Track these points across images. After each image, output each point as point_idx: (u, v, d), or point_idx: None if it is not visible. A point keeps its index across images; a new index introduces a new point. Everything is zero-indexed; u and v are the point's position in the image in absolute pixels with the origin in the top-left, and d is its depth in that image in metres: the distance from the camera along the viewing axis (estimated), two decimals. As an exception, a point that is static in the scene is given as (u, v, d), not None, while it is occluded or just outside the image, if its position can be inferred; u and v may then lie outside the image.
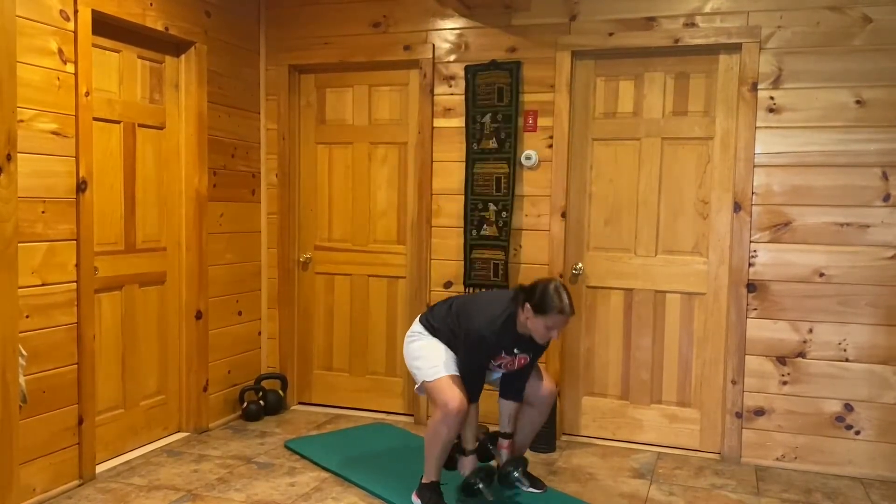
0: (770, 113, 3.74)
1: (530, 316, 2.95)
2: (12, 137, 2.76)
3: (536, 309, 2.93)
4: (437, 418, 3.04)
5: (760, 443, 3.83)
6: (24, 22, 3.01)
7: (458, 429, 3.05)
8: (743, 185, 3.78)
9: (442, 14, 4.25)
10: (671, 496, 3.41)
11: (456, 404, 2.99)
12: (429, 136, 4.31)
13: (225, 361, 4.38)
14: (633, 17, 3.91)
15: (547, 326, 2.94)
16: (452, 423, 3.00)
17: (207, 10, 4.10)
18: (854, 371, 3.67)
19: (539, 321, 2.94)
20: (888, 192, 3.59)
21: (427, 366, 3.12)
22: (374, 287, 4.60)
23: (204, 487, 3.40)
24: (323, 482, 3.51)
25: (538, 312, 2.93)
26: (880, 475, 3.65)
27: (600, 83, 4.08)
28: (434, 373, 3.09)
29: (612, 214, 4.10)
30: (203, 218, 4.10)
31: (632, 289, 4.08)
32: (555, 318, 2.92)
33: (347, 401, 4.69)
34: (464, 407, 3.00)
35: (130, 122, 3.73)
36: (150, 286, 3.91)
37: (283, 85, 4.58)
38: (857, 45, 3.60)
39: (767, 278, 3.78)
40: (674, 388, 4.04)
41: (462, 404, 3.00)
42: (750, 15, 3.73)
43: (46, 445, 3.21)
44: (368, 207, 4.58)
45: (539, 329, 2.96)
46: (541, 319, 2.93)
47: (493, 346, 3.05)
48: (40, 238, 3.15)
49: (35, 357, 3.11)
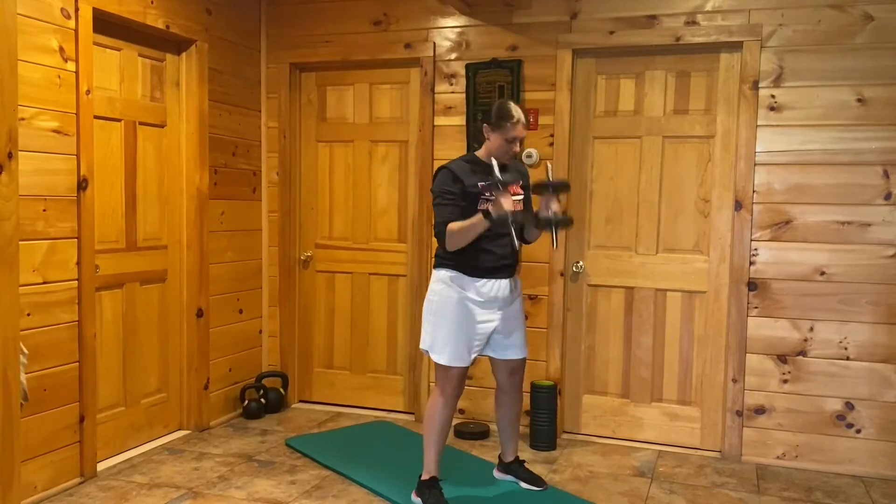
0: (771, 111, 3.74)
1: (492, 137, 3.09)
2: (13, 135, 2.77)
3: (494, 125, 3.07)
4: (435, 401, 3.16)
5: (761, 441, 3.83)
6: (25, 20, 3.01)
7: (452, 413, 3.18)
8: (744, 184, 3.78)
9: (443, 12, 4.25)
10: (672, 494, 3.41)
11: (451, 391, 3.14)
12: (429, 134, 4.31)
13: (226, 359, 4.39)
14: (634, 16, 3.91)
15: (507, 140, 3.06)
16: (448, 406, 3.15)
17: (208, 8, 4.10)
18: (855, 369, 3.67)
19: (499, 137, 3.07)
20: (889, 190, 3.59)
21: (437, 342, 3.13)
22: (374, 285, 4.60)
23: (205, 485, 3.41)
24: (324, 480, 3.51)
25: (496, 128, 3.07)
26: (881, 474, 3.65)
27: (601, 81, 4.08)
28: (441, 357, 3.13)
29: (613, 213, 4.10)
30: (204, 216, 4.10)
31: (632, 287, 4.08)
32: (511, 128, 3.04)
33: (348, 399, 4.69)
34: (459, 393, 3.19)
35: (131, 121, 3.73)
36: (150, 284, 3.91)
37: (283, 83, 4.58)
38: (858, 43, 3.59)
39: (768, 277, 3.78)
40: (674, 387, 4.04)
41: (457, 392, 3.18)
42: (751, 13, 3.73)
43: (47, 443, 3.22)
44: (369, 206, 4.58)
45: (502, 146, 3.07)
46: (500, 134, 3.06)
47: (458, 177, 3.06)
48: (41, 236, 3.15)
49: (36, 355, 3.11)
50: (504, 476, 3.47)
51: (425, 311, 3.21)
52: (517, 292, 3.27)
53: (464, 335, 3.11)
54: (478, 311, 3.12)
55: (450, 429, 3.22)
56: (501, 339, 3.23)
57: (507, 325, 3.22)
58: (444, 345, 3.12)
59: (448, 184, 3.08)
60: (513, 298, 3.23)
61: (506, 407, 3.40)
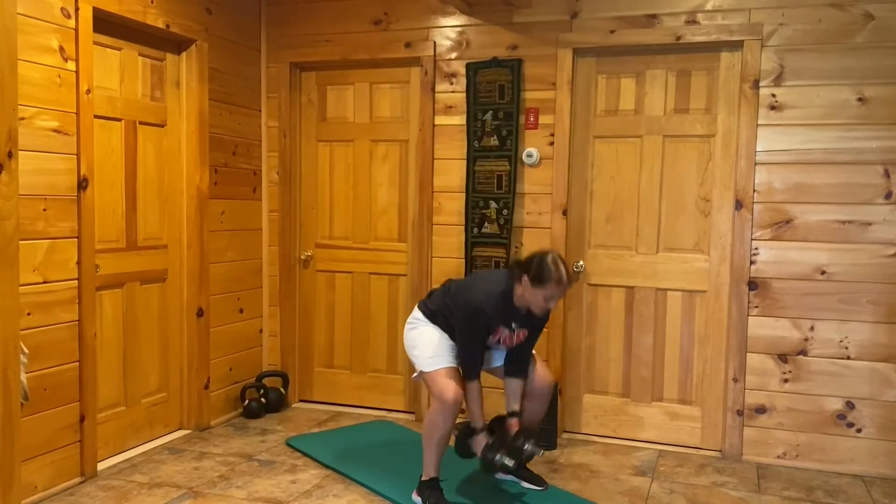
0: (771, 110, 3.73)
1: (528, 288, 2.98)
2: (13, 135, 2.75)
3: (534, 280, 2.95)
4: (434, 409, 3.10)
5: (762, 440, 3.83)
6: (26, 20, 3.01)
7: (454, 419, 3.10)
8: (744, 183, 3.78)
9: (443, 11, 4.25)
10: (672, 494, 3.41)
11: (451, 395, 3.04)
12: (430, 133, 4.31)
13: (226, 359, 4.38)
14: (634, 15, 3.91)
15: (545, 297, 2.97)
16: (449, 413, 3.05)
17: (208, 8, 4.10)
18: (855, 369, 3.67)
19: (537, 292, 2.96)
20: (890, 189, 3.59)
21: (425, 355, 3.15)
22: (375, 285, 4.60)
23: (205, 485, 3.41)
24: (324, 480, 3.51)
25: (536, 284, 2.95)
26: (882, 473, 3.65)
27: (602, 80, 4.07)
28: (431, 363, 3.12)
29: (614, 212, 4.10)
30: (204, 215, 4.10)
31: (633, 286, 4.08)
32: (552, 289, 2.95)
33: (349, 398, 4.69)
34: (459, 398, 3.05)
35: (131, 120, 3.73)
36: (151, 284, 3.91)
37: (284, 82, 4.58)
38: (858, 42, 3.59)
39: (769, 276, 3.78)
40: (675, 386, 4.04)
41: (458, 395, 3.05)
42: (752, 12, 3.73)
43: (48, 443, 3.22)
44: (369, 205, 4.58)
45: (537, 300, 2.99)
46: (539, 290, 2.96)
47: (491, 319, 3.07)
48: (41, 236, 3.15)
49: (36, 355, 3.11)
50: (505, 476, 3.47)
51: (408, 341, 3.27)
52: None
53: (446, 341, 3.16)
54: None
55: (451, 436, 3.17)
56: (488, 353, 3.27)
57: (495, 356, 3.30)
58: (432, 353, 3.14)
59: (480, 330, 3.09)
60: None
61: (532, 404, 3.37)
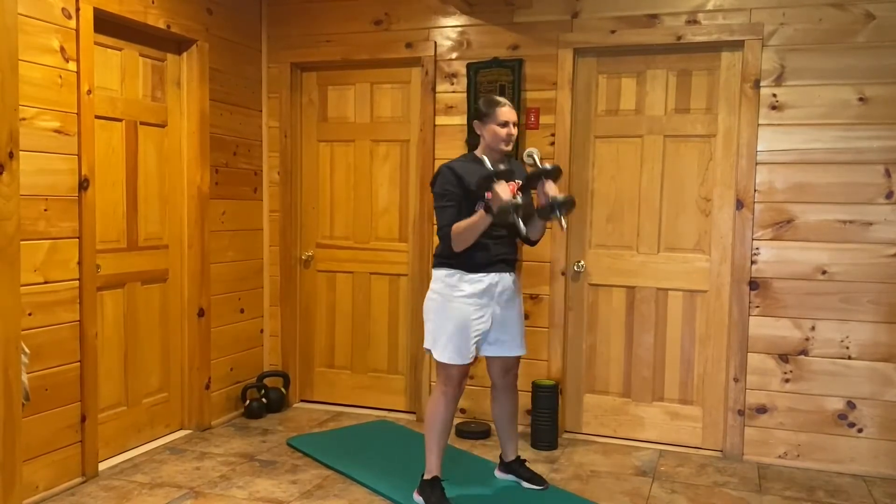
0: (772, 110, 3.73)
1: (486, 128, 3.13)
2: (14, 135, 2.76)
3: (486, 116, 3.13)
4: (436, 400, 3.18)
5: (763, 440, 3.83)
6: (26, 20, 3.01)
7: (454, 412, 3.20)
8: (745, 183, 3.78)
9: (444, 11, 4.25)
10: (673, 494, 3.41)
11: (453, 390, 3.16)
12: (430, 133, 4.31)
13: (227, 359, 4.39)
14: (635, 15, 3.91)
15: (501, 124, 3.10)
16: (450, 399, 3.17)
17: (209, 8, 4.10)
18: (856, 368, 3.67)
19: (494, 127, 3.11)
20: (891, 189, 3.59)
21: (439, 340, 3.15)
22: (375, 285, 4.60)
23: (206, 485, 3.41)
24: (325, 480, 3.51)
25: (488, 118, 3.12)
26: (883, 473, 3.65)
27: (602, 80, 4.07)
28: (442, 355, 3.14)
29: (614, 212, 4.10)
30: (205, 216, 4.10)
31: (634, 286, 4.08)
32: (504, 112, 3.10)
33: (349, 398, 4.69)
34: (460, 392, 3.20)
35: (132, 120, 3.74)
36: (152, 284, 3.91)
37: (284, 82, 4.58)
38: (859, 41, 3.59)
39: (770, 276, 3.78)
40: (676, 386, 4.04)
41: (458, 391, 3.19)
42: (752, 12, 3.73)
43: (49, 443, 3.22)
44: (370, 205, 4.58)
45: (499, 133, 3.11)
46: (493, 123, 3.11)
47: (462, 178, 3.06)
48: (42, 236, 3.15)
49: (38, 355, 3.12)
50: (505, 475, 3.47)
51: (426, 310, 3.21)
52: (515, 288, 3.27)
53: (465, 333, 3.12)
54: (475, 309, 3.12)
55: (451, 428, 3.23)
56: (497, 336, 3.24)
57: (504, 321, 3.22)
58: (445, 343, 3.12)
59: (450, 183, 3.08)
60: (511, 295, 3.23)
61: (502, 405, 3.40)
